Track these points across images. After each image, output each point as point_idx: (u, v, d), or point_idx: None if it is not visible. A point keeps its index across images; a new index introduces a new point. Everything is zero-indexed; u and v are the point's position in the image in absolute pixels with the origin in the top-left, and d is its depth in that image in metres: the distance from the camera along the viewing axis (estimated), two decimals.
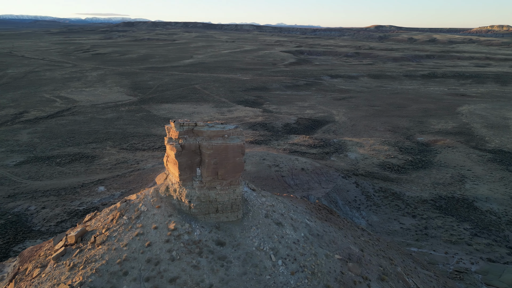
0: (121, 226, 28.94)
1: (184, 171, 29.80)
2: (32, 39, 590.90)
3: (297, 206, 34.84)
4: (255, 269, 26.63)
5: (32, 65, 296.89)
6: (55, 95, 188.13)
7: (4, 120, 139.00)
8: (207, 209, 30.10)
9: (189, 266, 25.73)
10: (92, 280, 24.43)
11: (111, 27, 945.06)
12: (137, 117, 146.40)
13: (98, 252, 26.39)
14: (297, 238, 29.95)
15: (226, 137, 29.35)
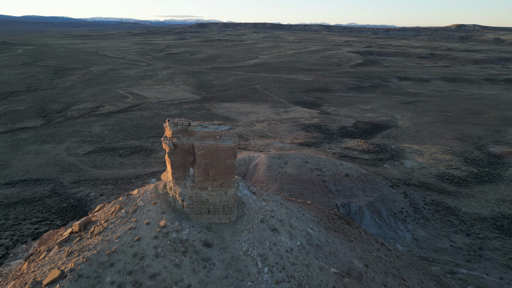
0: (118, 219, 30.30)
1: (177, 169, 30.37)
2: (115, 40, 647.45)
3: (303, 213, 33.48)
4: (237, 274, 26.03)
5: (112, 64, 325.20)
6: (128, 91, 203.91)
7: (82, 112, 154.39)
8: (199, 209, 30.11)
9: (171, 264, 25.95)
10: (81, 268, 25.68)
11: (185, 28, 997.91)
12: (197, 114, 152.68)
13: (93, 241, 27.95)
14: (291, 246, 28.90)
15: (217, 138, 29.22)
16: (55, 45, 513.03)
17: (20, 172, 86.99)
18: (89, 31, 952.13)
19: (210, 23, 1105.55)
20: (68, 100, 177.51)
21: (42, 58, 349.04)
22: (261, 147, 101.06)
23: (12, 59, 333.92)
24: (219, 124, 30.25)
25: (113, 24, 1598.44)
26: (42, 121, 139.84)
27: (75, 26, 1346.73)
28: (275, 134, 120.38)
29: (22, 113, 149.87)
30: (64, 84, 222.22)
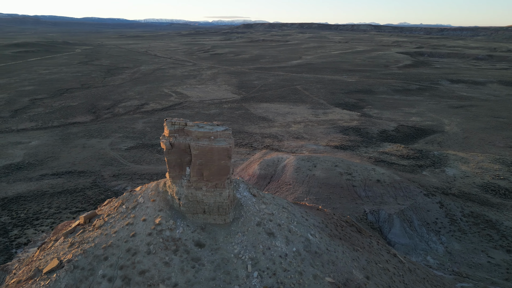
0: (118, 214, 31.20)
1: (173, 168, 30.61)
2: (165, 40, 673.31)
3: (307, 219, 32.38)
4: (225, 276, 25.75)
5: (160, 63, 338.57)
6: (172, 90, 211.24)
7: (128, 109, 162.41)
8: (195, 208, 30.30)
9: (161, 261, 26.17)
10: (78, 260, 26.68)
11: (232, 29, 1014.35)
12: (236, 114, 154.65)
13: (93, 234, 29.03)
14: (286, 252, 28.11)
15: (212, 139, 29.20)
16: (110, 45, 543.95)
17: (67, 164, 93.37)
18: (141, 32, 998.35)
19: (257, 24, 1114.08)
20: (117, 97, 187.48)
21: (97, 58, 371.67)
22: (294, 148, 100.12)
23: (71, 58, 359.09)
24: (218, 125, 30.35)
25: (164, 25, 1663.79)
26: (91, 117, 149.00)
27: (129, 27, 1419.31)
28: (311, 136, 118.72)
29: (74, 109, 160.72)
30: (114, 82, 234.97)
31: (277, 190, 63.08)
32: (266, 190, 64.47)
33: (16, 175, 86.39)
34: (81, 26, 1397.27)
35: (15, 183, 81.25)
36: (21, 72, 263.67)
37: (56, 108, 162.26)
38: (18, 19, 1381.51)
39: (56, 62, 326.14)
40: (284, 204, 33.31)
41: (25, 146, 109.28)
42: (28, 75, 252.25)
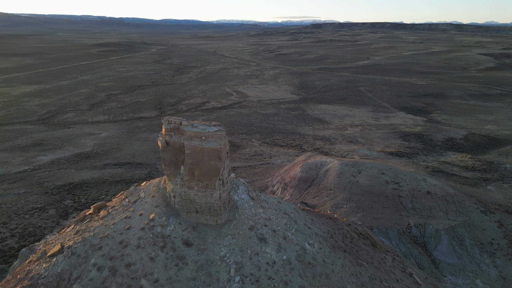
0: (121, 206, 32.42)
1: (168, 166, 30.99)
2: (233, 41, 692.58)
3: (309, 227, 30.47)
4: (206, 277, 25.42)
5: (226, 63, 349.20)
6: (234, 89, 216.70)
7: (190, 107, 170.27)
8: (188, 207, 30.34)
9: (147, 256, 26.59)
10: (76, 247, 28.15)
11: (300, 29, 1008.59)
12: (292, 115, 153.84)
13: (95, 224, 30.50)
14: (275, 259, 27.01)
15: (203, 139, 29.00)
16: (182, 45, 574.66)
17: (128, 156, 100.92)
18: (212, 33, 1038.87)
19: (326, 24, 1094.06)
20: (182, 95, 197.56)
21: (169, 57, 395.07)
22: (345, 153, 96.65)
23: (146, 57, 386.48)
24: (214, 125, 30.29)
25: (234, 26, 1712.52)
26: (156, 113, 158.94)
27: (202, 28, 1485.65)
28: (366, 140, 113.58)
29: (143, 105, 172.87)
30: (181, 81, 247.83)
31: (316, 194, 61.57)
32: (306, 193, 63.30)
33: (83, 163, 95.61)
34: (159, 27, 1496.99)
35: (82, 170, 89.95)
36: (102, 69, 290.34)
37: (127, 103, 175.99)
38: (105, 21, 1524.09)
39: (133, 61, 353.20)
40: (288, 210, 32.26)
41: (96, 137, 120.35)
42: (108, 72, 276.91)
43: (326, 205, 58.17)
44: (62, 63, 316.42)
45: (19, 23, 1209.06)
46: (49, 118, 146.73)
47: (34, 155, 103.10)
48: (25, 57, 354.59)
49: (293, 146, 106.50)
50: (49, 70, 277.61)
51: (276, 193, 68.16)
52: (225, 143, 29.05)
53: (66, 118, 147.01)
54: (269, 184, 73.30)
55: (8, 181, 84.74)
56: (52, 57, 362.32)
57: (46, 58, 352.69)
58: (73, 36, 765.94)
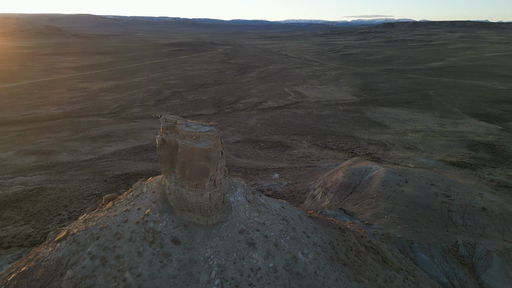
0: (125, 199, 33.38)
1: (164, 164, 31.14)
2: (299, 41, 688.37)
3: (309, 235, 28.30)
4: (186, 277, 25.13)
5: (288, 63, 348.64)
6: (292, 89, 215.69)
7: (247, 106, 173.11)
8: (181, 205, 30.34)
9: (135, 250, 27.02)
10: (79, 234, 29.64)
11: (370, 29, 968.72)
12: (349, 117, 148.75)
13: (100, 215, 31.74)
14: (260, 266, 25.79)
15: (194, 138, 28.87)
16: (248, 45, 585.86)
17: None
18: (279, 33, 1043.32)
19: (399, 23, 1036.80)
20: (241, 94, 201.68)
21: (234, 57, 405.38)
22: (398, 160, 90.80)
23: (212, 57, 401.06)
24: (210, 125, 29.84)
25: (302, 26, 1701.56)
26: (215, 110, 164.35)
27: (269, 28, 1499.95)
28: (427, 147, 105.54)
29: (203, 102, 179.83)
30: (242, 80, 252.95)
31: (357, 202, 58.80)
32: (347, 200, 60.78)
33: (141, 155, 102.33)
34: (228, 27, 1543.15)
35: (139, 162, 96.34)
36: (171, 67, 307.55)
37: (189, 100, 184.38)
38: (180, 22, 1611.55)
39: (200, 60, 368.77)
40: (289, 216, 30.78)
41: (156, 131, 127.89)
42: (176, 70, 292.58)
43: (365, 213, 55.35)
44: (137, 61, 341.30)
45: (104, 24, 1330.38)
46: (119, 112, 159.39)
47: (101, 145, 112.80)
48: (106, 55, 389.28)
49: (343, 150, 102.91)
50: (124, 68, 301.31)
51: (316, 197, 66.50)
52: (217, 144, 28.91)
53: (133, 113, 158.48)
54: (311, 188, 71.75)
55: (76, 168, 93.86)
56: (129, 55, 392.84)
57: (124, 56, 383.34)
58: (150, 36, 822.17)
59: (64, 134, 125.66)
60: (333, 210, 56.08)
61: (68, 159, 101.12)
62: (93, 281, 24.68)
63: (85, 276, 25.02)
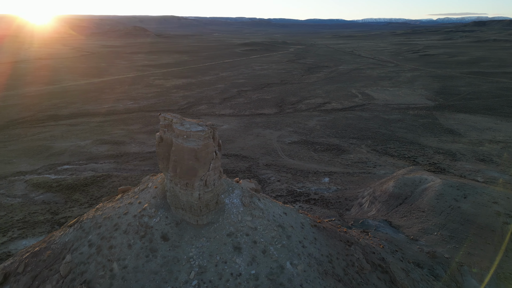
0: (132, 193, 34.12)
1: (162, 161, 31.22)
2: (375, 40, 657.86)
3: (305, 245, 25.73)
4: (166, 274, 24.87)
5: (360, 63, 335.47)
6: (360, 91, 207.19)
7: (310, 107, 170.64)
8: (176, 203, 30.31)
9: (127, 242, 27.50)
10: (85, 222, 31.14)
11: (457, 27, 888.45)
12: (418, 122, 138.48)
13: (109, 205, 32.87)
14: (242, 272, 24.51)
15: (185, 138, 28.56)
16: (320, 45, 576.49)
17: (237, 148, 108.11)
18: (355, 32, 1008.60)
19: (492, 21, 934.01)
20: (305, 94, 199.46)
21: (304, 57, 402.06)
22: (466, 172, 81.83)
23: (282, 56, 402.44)
24: (206, 125, 29.06)
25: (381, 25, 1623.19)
26: (276, 110, 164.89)
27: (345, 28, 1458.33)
28: (504, 160, 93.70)
29: (266, 102, 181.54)
30: (309, 80, 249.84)
31: (405, 214, 54.49)
32: (395, 212, 56.67)
33: None
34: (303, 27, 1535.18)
35: None
36: (241, 67, 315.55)
37: (253, 99, 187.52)
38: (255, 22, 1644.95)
39: (270, 60, 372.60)
40: (287, 223, 28.86)
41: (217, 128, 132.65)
42: (245, 69, 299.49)
43: (412, 228, 51.13)
44: (210, 61, 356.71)
45: (186, 24, 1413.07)
46: (186, 109, 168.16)
47: None
48: (183, 54, 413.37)
49: (405, 158, 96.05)
50: (198, 66, 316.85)
51: (363, 206, 63.14)
52: (207, 144, 28.58)
53: (199, 110, 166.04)
54: (360, 195, 68.32)
55: (140, 159, 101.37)
56: (204, 55, 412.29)
57: (199, 55, 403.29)
58: (225, 36, 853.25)
59: (135, 126, 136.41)
60: (377, 221, 52.85)
61: (135, 150, 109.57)
62: (86, 268, 26.54)
63: (80, 262, 27.04)
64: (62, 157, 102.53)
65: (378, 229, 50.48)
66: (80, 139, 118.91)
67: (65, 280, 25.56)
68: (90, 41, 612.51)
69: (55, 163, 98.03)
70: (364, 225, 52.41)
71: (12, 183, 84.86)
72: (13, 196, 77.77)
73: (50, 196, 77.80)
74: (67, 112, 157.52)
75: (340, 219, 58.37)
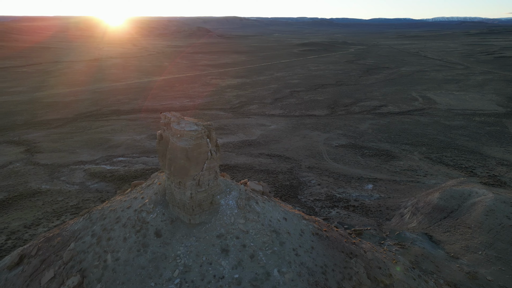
0: (139, 188, 34.65)
1: (161, 158, 31.50)
2: (445, 40, 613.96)
3: (298, 253, 23.62)
4: (152, 270, 24.87)
5: (425, 65, 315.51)
6: (421, 94, 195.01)
7: (363, 109, 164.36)
8: (172, 200, 30.33)
9: (123, 236, 28.05)
10: (94, 213, 32.38)
11: None
12: (484, 130, 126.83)
13: (117, 198, 33.58)
14: (225, 275, 23.63)
15: (178, 136, 28.53)
16: (383, 45, 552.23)
17: (281, 149, 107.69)
18: (423, 32, 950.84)
19: None
20: (360, 96, 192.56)
21: (364, 57, 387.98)
22: None
23: (341, 57, 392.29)
24: (203, 125, 28.59)
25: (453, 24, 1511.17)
26: (327, 112, 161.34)
27: (413, 27, 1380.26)
28: None
29: (318, 103, 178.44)
30: (366, 82, 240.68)
31: (449, 230, 50.12)
32: (437, 225, 52.42)
33: (244, 149, 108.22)
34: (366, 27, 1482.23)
35: (240, 156, 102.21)
36: (297, 67, 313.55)
37: (305, 100, 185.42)
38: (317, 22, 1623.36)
39: (327, 60, 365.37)
40: (282, 229, 27.19)
41: (265, 128, 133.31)
42: (300, 70, 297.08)
43: (455, 244, 46.98)
44: (266, 61, 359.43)
45: (247, 25, 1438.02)
46: (238, 108, 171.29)
47: None
48: (241, 54, 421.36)
49: (461, 168, 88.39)
50: (254, 67, 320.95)
51: (405, 217, 59.32)
52: (199, 144, 28.20)
53: (250, 109, 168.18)
54: (402, 205, 64.28)
55: None
56: (261, 55, 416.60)
57: (257, 55, 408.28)
58: (285, 36, 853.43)
59: None
60: (415, 234, 49.47)
61: None
62: (85, 256, 28.15)
63: (81, 251, 28.74)
64: (118, 150, 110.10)
65: (415, 243, 47.20)
66: (136, 134, 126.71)
67: (66, 266, 27.59)
68: (157, 41, 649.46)
69: (112, 154, 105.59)
70: (400, 237, 49.36)
71: (72, 171, 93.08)
72: (71, 183, 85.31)
73: (103, 185, 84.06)
74: (128, 108, 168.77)
75: (377, 228, 55.61)
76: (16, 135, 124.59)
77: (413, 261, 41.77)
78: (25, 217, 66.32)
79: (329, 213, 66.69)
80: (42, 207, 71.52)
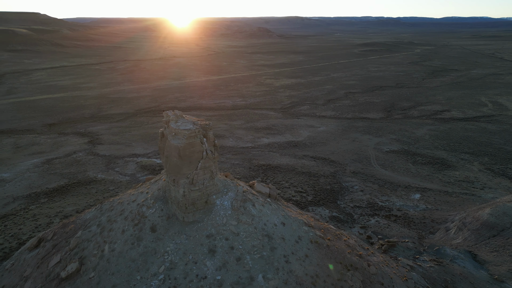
0: (148, 183, 34.98)
1: (162, 155, 31.49)
2: None
3: (289, 261, 22.26)
4: (141, 264, 25.06)
5: (500, 68, 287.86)
6: (492, 99, 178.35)
7: (423, 113, 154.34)
8: (170, 197, 30.38)
9: (122, 228, 28.56)
10: (105, 204, 33.60)
11: None
12: None
13: (128, 192, 34.23)
14: (207, 275, 23.09)
15: (173, 135, 28.27)
16: (454, 46, 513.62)
17: (327, 152, 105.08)
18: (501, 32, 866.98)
19: None
20: (420, 100, 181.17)
21: (431, 58, 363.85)
22: None
23: (404, 58, 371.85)
24: (201, 125, 27.89)
25: None
26: (382, 115, 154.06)
27: (490, 26, 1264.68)
28: None
29: (373, 105, 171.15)
30: (430, 85, 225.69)
31: (497, 249, 45.11)
32: (484, 244, 47.45)
33: (289, 150, 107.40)
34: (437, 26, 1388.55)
35: (284, 156, 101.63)
36: (355, 68, 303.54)
37: (359, 102, 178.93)
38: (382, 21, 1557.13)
39: (389, 61, 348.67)
40: (277, 234, 25.52)
41: (313, 130, 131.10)
42: (359, 71, 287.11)
43: (502, 266, 42.25)
44: (324, 61, 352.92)
45: (309, 25, 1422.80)
46: (289, 108, 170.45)
47: (261, 136, 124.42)
48: (299, 54, 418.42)
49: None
50: (310, 67, 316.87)
51: (450, 231, 54.59)
52: (192, 143, 27.71)
53: (300, 110, 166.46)
54: (449, 219, 59.20)
55: (233, 153, 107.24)
56: (319, 55, 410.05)
57: (314, 56, 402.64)
58: (347, 36, 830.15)
59: (238, 122, 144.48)
60: (456, 251, 45.44)
61: (231, 144, 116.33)
62: (87, 245, 29.69)
63: (85, 239, 30.36)
64: None
65: (455, 261, 43.35)
66: None
67: (71, 253, 29.60)
68: (219, 41, 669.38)
69: None
70: (439, 253, 45.64)
71: (126, 163, 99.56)
72: (124, 174, 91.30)
73: None
74: (184, 105, 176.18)
75: (416, 242, 52.11)
76: (83, 127, 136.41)
77: (448, 280, 38.43)
78: (78, 203, 72.41)
79: (368, 221, 63.75)
80: (95, 194, 77.51)
